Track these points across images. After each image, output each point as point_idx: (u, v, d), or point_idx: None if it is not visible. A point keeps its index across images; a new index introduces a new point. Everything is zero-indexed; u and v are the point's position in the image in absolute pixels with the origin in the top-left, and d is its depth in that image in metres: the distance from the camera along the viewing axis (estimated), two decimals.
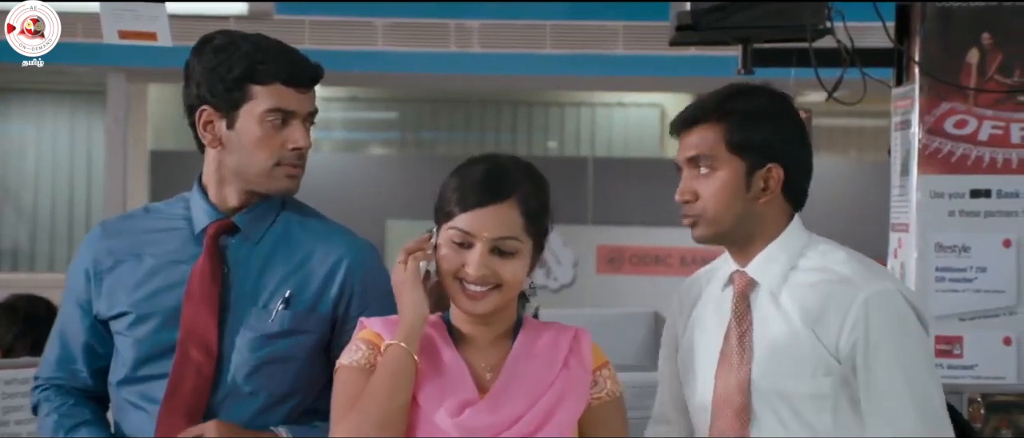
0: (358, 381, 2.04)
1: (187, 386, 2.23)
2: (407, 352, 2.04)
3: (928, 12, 3.55)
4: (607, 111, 9.49)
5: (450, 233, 2.06)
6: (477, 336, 2.12)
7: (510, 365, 2.09)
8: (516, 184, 2.09)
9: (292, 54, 2.30)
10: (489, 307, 2.07)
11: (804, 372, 2.16)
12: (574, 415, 2.09)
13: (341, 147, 9.52)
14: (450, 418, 2.03)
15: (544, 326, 2.18)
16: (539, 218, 2.12)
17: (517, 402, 2.06)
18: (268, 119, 2.25)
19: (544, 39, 6.91)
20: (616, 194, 8.31)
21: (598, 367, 2.15)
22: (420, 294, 2.06)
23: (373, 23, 6.87)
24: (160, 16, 3.06)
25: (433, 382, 2.05)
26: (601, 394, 2.13)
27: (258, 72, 2.24)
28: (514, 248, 2.07)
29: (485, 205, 2.06)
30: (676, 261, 8.17)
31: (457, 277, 2.06)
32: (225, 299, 2.26)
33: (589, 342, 2.16)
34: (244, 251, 2.29)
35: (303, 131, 2.27)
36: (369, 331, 2.11)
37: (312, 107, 2.31)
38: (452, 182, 2.09)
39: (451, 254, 2.06)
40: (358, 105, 9.51)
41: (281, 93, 2.25)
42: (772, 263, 2.25)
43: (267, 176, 2.27)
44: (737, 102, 2.29)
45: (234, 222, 2.30)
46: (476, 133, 9.45)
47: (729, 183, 2.26)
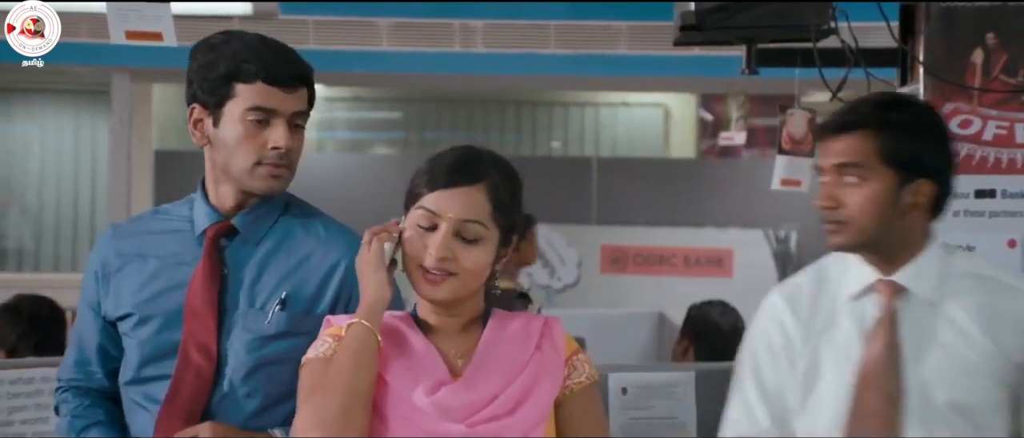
0: (323, 370, 2.02)
1: (187, 389, 2.23)
2: (369, 329, 2.02)
3: (932, 12, 3.53)
4: (611, 111, 9.49)
5: (417, 214, 2.06)
6: (444, 326, 2.11)
7: (482, 349, 2.09)
8: (486, 171, 2.09)
9: (280, 53, 2.28)
10: (446, 294, 2.06)
11: (981, 381, 2.15)
12: (550, 396, 2.08)
13: (345, 147, 9.52)
14: (426, 396, 2.02)
15: (513, 315, 2.17)
16: (507, 210, 2.10)
17: (492, 382, 2.05)
18: (249, 118, 2.24)
19: (548, 39, 6.90)
20: (620, 194, 8.29)
21: (572, 353, 2.14)
22: (382, 274, 2.05)
23: (377, 23, 6.86)
24: (165, 16, 3.07)
25: (403, 364, 2.05)
26: (581, 378, 2.13)
27: (241, 70, 2.24)
28: (478, 234, 2.06)
29: (453, 186, 2.06)
30: (680, 261, 8.17)
31: (420, 263, 2.05)
32: (223, 301, 2.26)
33: (561, 328, 2.16)
34: (243, 253, 2.30)
35: (284, 131, 2.25)
36: (335, 327, 2.10)
37: (298, 107, 2.28)
38: (423, 167, 2.09)
39: (416, 238, 2.06)
40: (362, 105, 9.50)
41: (263, 92, 2.24)
42: (924, 272, 2.23)
43: (249, 174, 2.26)
44: (894, 113, 2.25)
45: (233, 224, 2.30)
46: (480, 133, 9.44)
47: (879, 195, 2.23)
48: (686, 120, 9.49)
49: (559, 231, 8.14)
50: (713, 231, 8.15)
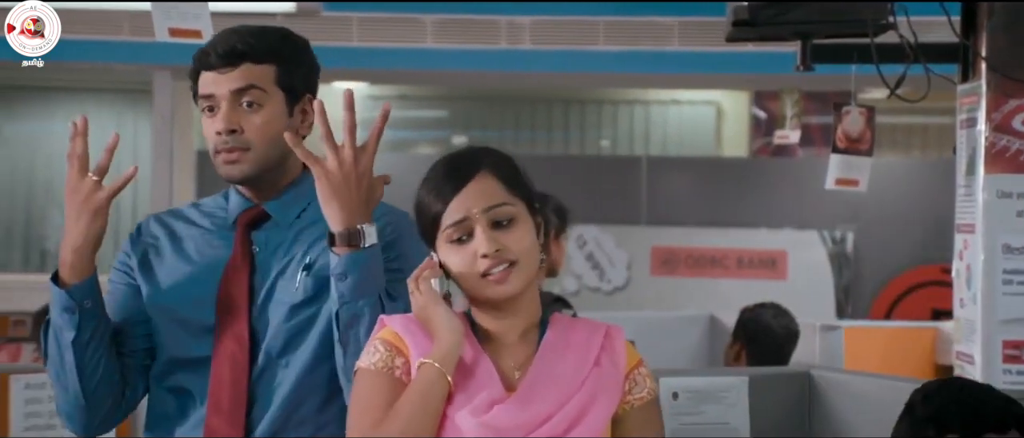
0: (376, 384, 2.00)
1: (226, 379, 2.23)
2: (440, 373, 1.99)
3: (995, 7, 3.48)
4: (661, 109, 9.44)
5: (447, 233, 2.03)
6: (502, 332, 2.07)
7: (539, 362, 2.04)
8: (479, 159, 2.07)
9: (221, 37, 2.27)
10: (517, 285, 2.02)
11: None
12: (607, 415, 2.03)
13: (389, 146, 9.50)
14: (476, 417, 1.98)
15: (573, 322, 2.12)
16: (516, 179, 2.07)
17: (547, 400, 2.00)
18: (201, 107, 2.27)
19: (597, 35, 6.85)
20: (671, 194, 8.25)
21: (634, 367, 2.09)
22: (445, 309, 2.03)
23: (422, 20, 6.84)
24: (202, 14, 3.09)
25: (459, 385, 2.01)
26: (642, 394, 2.08)
27: (194, 65, 2.28)
28: (510, 214, 2.03)
29: (462, 186, 2.03)
30: (732, 263, 8.11)
31: (477, 274, 2.02)
32: (253, 282, 2.25)
33: (622, 339, 2.10)
34: (275, 235, 2.29)
35: (224, 114, 2.23)
36: (389, 331, 2.06)
37: (238, 84, 2.23)
38: (421, 193, 2.07)
39: (457, 255, 2.03)
40: (406, 103, 9.50)
41: (205, 79, 2.26)
42: None
43: (214, 163, 2.28)
44: None
45: (265, 209, 2.30)
46: (527, 132, 9.41)
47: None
48: (739, 118, 9.43)
49: (608, 232, 8.11)
50: (766, 232, 8.08)
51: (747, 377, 3.04)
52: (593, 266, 8.11)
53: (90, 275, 2.23)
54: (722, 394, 3.00)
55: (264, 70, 2.25)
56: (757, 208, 8.14)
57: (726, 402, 3.00)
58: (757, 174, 8.47)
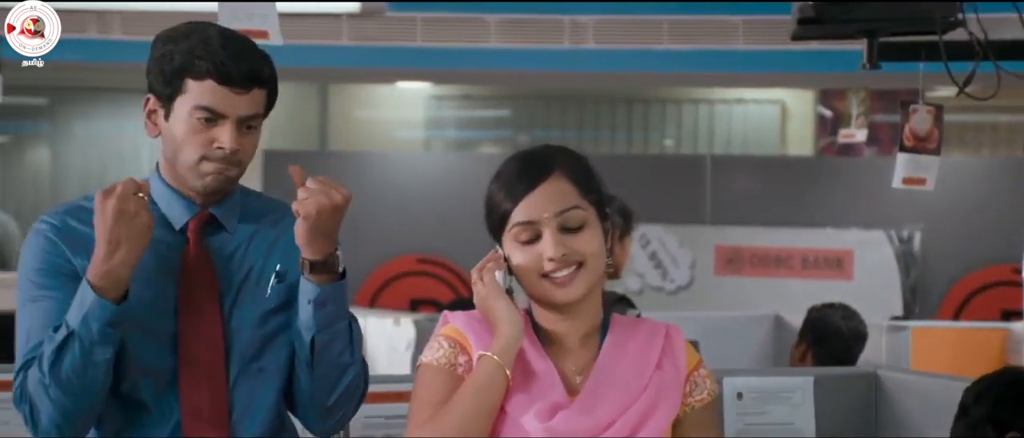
0: (438, 380, 2.02)
1: (202, 386, 2.22)
2: (500, 367, 2.00)
3: None
4: (726, 108, 9.39)
5: (514, 232, 2.03)
6: (565, 335, 2.07)
7: (601, 366, 2.05)
8: (554, 160, 2.06)
9: (239, 52, 2.23)
10: (581, 289, 2.02)
11: None
12: (669, 418, 2.04)
13: (452, 146, 9.54)
14: (540, 422, 1.98)
15: (634, 324, 2.12)
16: (589, 183, 2.07)
17: (609, 405, 2.01)
18: (196, 116, 2.21)
19: (661, 34, 6.83)
20: (735, 193, 8.20)
21: (694, 368, 2.09)
22: (507, 302, 2.03)
23: (486, 19, 6.85)
24: (271, 14, 3.10)
25: (519, 383, 2.01)
26: (702, 395, 2.09)
27: (193, 66, 2.20)
28: (580, 219, 2.03)
29: (534, 187, 2.03)
30: (797, 262, 8.05)
31: (540, 273, 2.02)
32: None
33: (682, 341, 2.10)
34: (222, 240, 2.29)
35: (232, 133, 2.21)
36: (452, 327, 2.08)
37: (250, 110, 2.23)
38: (492, 188, 2.07)
39: (523, 254, 2.03)
40: (470, 103, 9.51)
41: (213, 91, 2.20)
42: None
43: (193, 170, 2.23)
44: None
45: (212, 214, 2.28)
46: (590, 131, 9.40)
47: None
48: (804, 116, 9.36)
49: (672, 232, 8.08)
50: (832, 231, 8.02)
51: (812, 377, 3.03)
52: (656, 265, 8.09)
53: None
54: (787, 394, 3.00)
55: (263, 96, 2.26)
56: (822, 207, 8.07)
57: (791, 402, 2.99)
58: (822, 173, 8.40)
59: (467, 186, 8.28)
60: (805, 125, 9.37)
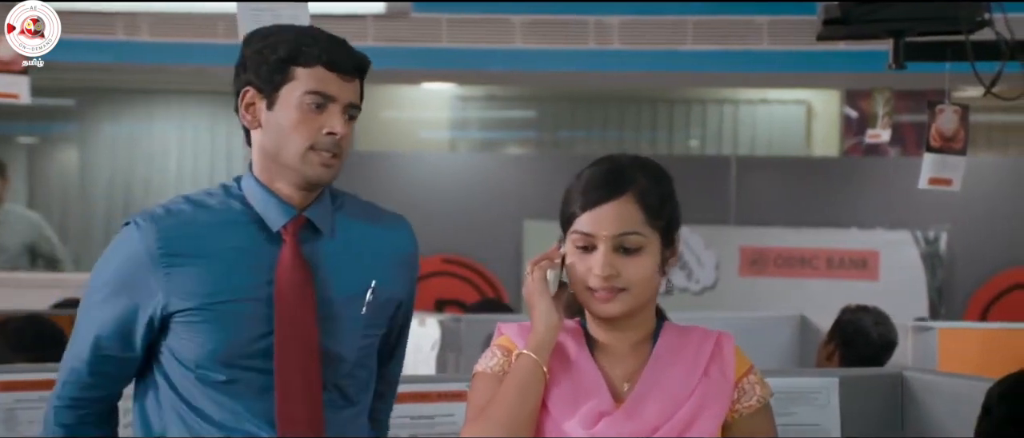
0: (491, 388, 2.07)
1: (297, 394, 2.23)
2: (536, 362, 2.04)
3: None
4: (751, 108, 9.37)
5: (574, 238, 2.07)
6: (613, 343, 2.10)
7: (648, 372, 2.07)
8: (632, 179, 2.07)
9: (340, 42, 2.30)
10: (619, 309, 2.05)
11: None
12: (714, 426, 2.05)
13: (478, 147, 9.54)
14: (585, 428, 2.01)
15: (685, 331, 2.13)
16: (660, 211, 2.08)
17: (655, 412, 2.03)
18: (306, 101, 2.23)
19: (686, 35, 6.82)
20: (760, 194, 8.19)
21: (743, 374, 2.10)
22: (548, 303, 2.07)
23: (511, 20, 6.86)
24: (301, 16, 3.08)
25: (566, 389, 2.05)
26: (751, 401, 2.09)
27: (301, 54, 2.24)
28: (638, 244, 2.05)
29: (602, 203, 2.05)
30: (822, 263, 8.03)
31: (587, 285, 2.05)
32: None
33: (732, 347, 2.11)
34: (318, 247, 2.29)
35: (341, 118, 2.25)
36: (505, 337, 2.12)
37: (354, 98, 2.28)
38: (574, 185, 2.10)
39: (578, 259, 2.06)
40: (495, 104, 9.52)
41: (322, 76, 2.24)
42: None
43: (301, 159, 2.24)
44: None
45: (308, 218, 2.29)
46: (615, 132, 9.39)
47: None
48: (829, 117, 9.33)
49: (697, 232, 8.07)
50: (858, 232, 7.99)
51: (838, 378, 3.02)
52: (681, 266, 8.07)
53: None
54: (813, 395, 2.99)
55: (360, 88, 2.32)
56: (848, 208, 8.05)
57: (816, 403, 2.98)
58: (848, 174, 8.38)
59: (492, 187, 8.30)
60: (831, 126, 9.35)
